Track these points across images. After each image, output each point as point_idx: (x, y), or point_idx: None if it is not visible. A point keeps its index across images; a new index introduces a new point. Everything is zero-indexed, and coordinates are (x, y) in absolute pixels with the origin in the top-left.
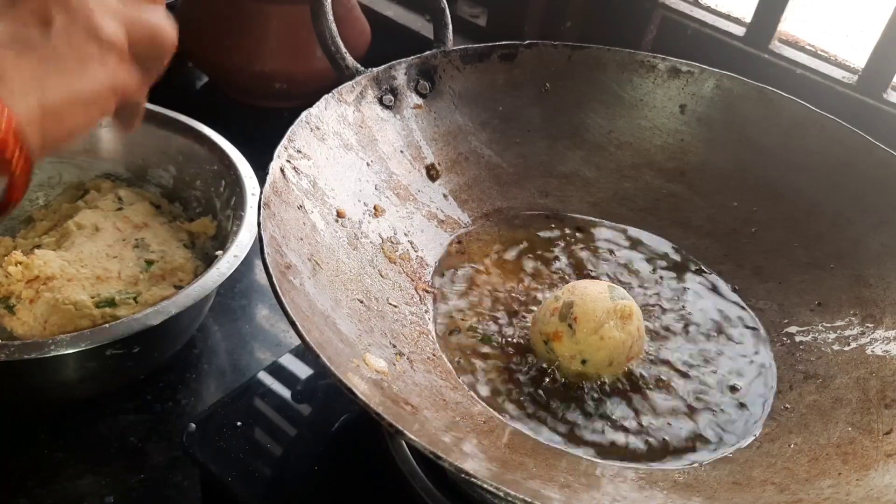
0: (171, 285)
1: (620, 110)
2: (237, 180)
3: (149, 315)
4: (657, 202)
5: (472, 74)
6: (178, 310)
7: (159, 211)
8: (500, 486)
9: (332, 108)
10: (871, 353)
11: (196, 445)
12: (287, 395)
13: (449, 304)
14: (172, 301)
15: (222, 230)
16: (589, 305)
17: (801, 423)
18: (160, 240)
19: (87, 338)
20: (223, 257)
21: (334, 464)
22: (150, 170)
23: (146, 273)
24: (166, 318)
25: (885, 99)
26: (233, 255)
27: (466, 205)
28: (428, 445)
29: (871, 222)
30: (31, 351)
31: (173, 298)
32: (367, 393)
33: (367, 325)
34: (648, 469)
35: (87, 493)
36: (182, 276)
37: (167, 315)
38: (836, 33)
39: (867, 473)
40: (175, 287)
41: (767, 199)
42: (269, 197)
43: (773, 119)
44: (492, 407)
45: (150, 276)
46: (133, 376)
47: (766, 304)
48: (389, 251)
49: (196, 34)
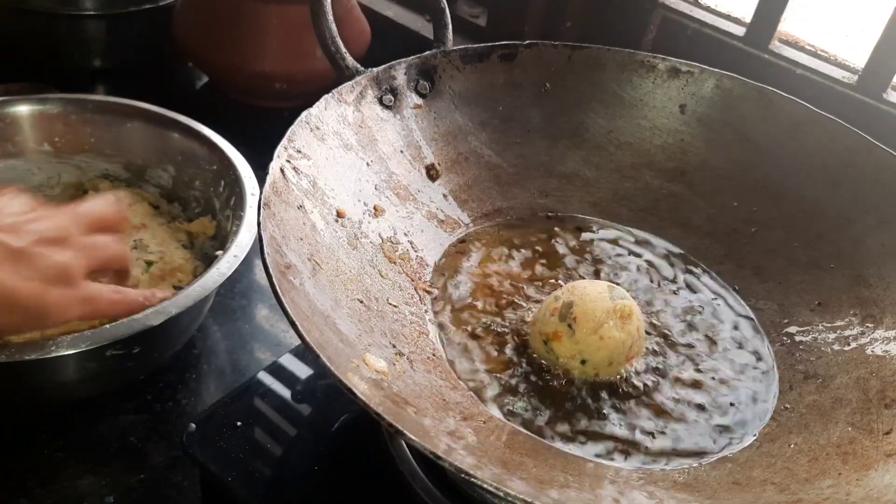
0: (171, 286)
1: (620, 110)
2: (237, 180)
3: (149, 315)
4: (657, 202)
5: (472, 74)
6: (178, 310)
7: (158, 211)
8: (500, 486)
9: (332, 108)
10: (871, 353)
11: (196, 445)
12: (287, 395)
13: (449, 304)
14: (172, 301)
15: (222, 230)
16: (588, 305)
17: (801, 423)
18: (159, 240)
19: (88, 339)
20: (223, 257)
21: (334, 464)
22: (148, 170)
23: (146, 274)
24: (166, 318)
25: (885, 99)
26: (233, 255)
27: (466, 205)
28: (428, 445)
29: (871, 222)
30: (31, 352)
31: (173, 299)
32: (367, 393)
33: (367, 325)
34: (648, 469)
35: (87, 493)
36: (181, 277)
37: (167, 315)
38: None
39: (867, 473)
40: (174, 287)
41: (767, 199)
42: (268, 197)
43: (773, 119)
44: (492, 407)
45: (150, 276)
46: (133, 376)
47: (766, 304)
48: (389, 251)
49: (196, 34)
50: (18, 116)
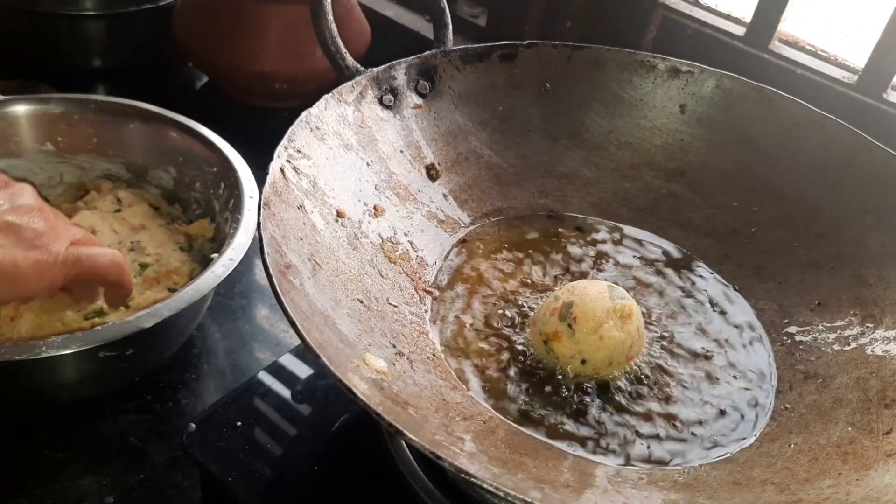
0: (166, 288)
1: (620, 110)
2: (236, 182)
3: (141, 318)
4: (657, 202)
5: (472, 74)
6: (170, 313)
7: (158, 213)
8: (500, 486)
9: (332, 108)
10: (871, 353)
11: (196, 445)
12: (287, 395)
13: (449, 304)
14: (165, 304)
15: (220, 232)
16: (588, 305)
17: (801, 423)
18: (157, 242)
19: (79, 340)
20: (219, 260)
21: (334, 464)
22: (150, 171)
23: (140, 277)
24: (158, 321)
25: (885, 99)
26: (228, 258)
27: (466, 205)
28: (428, 445)
29: (871, 222)
30: (23, 352)
31: (167, 301)
32: (367, 393)
33: (367, 325)
34: (648, 469)
35: (87, 493)
36: (177, 280)
37: (159, 318)
38: (836, 33)
39: (867, 473)
40: (169, 290)
41: (767, 199)
42: (269, 197)
43: (773, 119)
44: (492, 407)
45: (144, 279)
46: (130, 377)
47: (766, 304)
48: (389, 251)
49: (196, 34)
50: (20, 116)
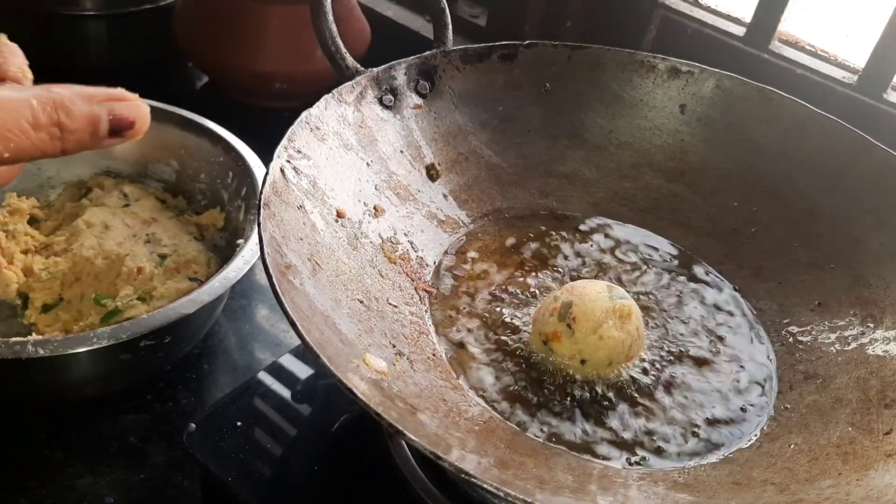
0: (186, 278)
1: (620, 110)
2: (246, 170)
3: (184, 304)
4: (657, 202)
5: (472, 74)
6: (210, 298)
7: (165, 205)
8: (500, 486)
9: (332, 108)
10: (872, 353)
11: (196, 445)
12: (287, 395)
13: (449, 304)
14: (205, 289)
15: (232, 221)
16: (588, 305)
17: (802, 423)
18: (171, 234)
19: (127, 329)
20: (246, 245)
21: (334, 464)
22: (151, 165)
23: (160, 267)
24: (199, 307)
25: (885, 99)
26: (255, 243)
27: (466, 205)
28: (428, 445)
29: (871, 222)
30: (75, 345)
31: (205, 286)
32: (367, 393)
33: (367, 325)
34: (648, 469)
35: (87, 493)
36: (196, 269)
37: (200, 304)
38: (836, 33)
39: (867, 473)
40: (189, 280)
41: (767, 199)
42: (268, 197)
43: (774, 119)
44: (492, 407)
45: (165, 269)
46: (161, 368)
47: (766, 304)
48: (389, 251)
49: (196, 34)
50: None
